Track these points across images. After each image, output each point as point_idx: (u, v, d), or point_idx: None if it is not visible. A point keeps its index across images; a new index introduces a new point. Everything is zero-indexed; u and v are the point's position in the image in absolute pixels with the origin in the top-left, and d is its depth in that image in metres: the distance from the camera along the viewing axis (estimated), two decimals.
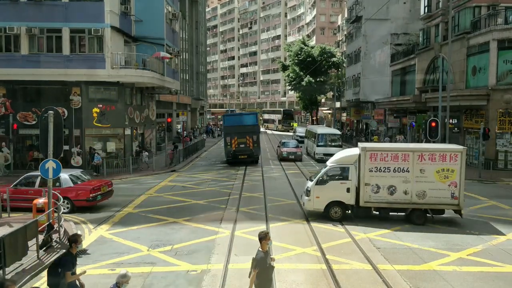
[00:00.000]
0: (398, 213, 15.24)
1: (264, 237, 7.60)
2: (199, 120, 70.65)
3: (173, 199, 19.03)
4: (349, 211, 15.39)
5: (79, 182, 17.17)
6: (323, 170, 15.66)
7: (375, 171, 14.74)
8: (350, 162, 15.30)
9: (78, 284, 7.74)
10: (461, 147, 15.19)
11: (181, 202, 18.50)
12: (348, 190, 15.00)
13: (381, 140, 44.44)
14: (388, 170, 14.66)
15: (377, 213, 15.18)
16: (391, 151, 14.89)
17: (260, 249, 7.61)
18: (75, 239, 7.80)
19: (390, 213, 15.22)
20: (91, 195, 16.59)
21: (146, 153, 28.95)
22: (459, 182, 14.45)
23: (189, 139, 44.30)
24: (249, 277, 7.67)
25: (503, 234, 13.81)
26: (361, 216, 15.21)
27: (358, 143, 18.14)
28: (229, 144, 30.49)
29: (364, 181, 14.81)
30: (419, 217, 14.80)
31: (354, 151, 15.82)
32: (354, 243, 12.72)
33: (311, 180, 15.77)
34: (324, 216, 15.32)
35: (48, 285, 7.55)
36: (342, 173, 15.30)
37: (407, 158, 14.59)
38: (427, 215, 14.89)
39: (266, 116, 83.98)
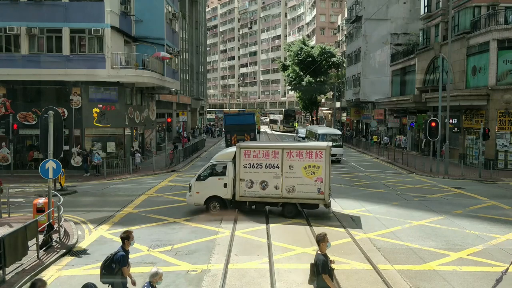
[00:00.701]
0: (277, 207, 15.91)
1: (322, 239, 7.42)
2: (199, 120, 70.68)
3: (173, 199, 19.03)
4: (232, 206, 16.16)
5: None
6: (204, 167, 16.62)
7: (249, 167, 15.54)
8: (228, 159, 16.11)
9: (131, 282, 7.83)
10: (325, 144, 15.89)
11: (181, 202, 18.45)
12: (225, 185, 15.83)
13: (380, 140, 44.50)
14: (261, 166, 15.47)
15: (253, 207, 15.92)
16: (262, 148, 15.72)
17: (319, 252, 7.46)
18: (127, 236, 7.91)
19: (267, 207, 16.06)
20: None
21: (139, 154, 28.80)
22: (325, 178, 15.13)
23: (187, 140, 43.93)
24: (309, 283, 7.64)
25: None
26: (238, 210, 16.01)
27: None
28: (229, 140, 32.58)
29: (240, 177, 15.59)
30: (289, 211, 15.57)
31: (232, 149, 16.57)
32: (354, 243, 12.72)
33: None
34: (322, 216, 15.34)
35: (102, 281, 7.70)
36: (220, 170, 16.20)
37: (277, 155, 15.39)
38: (298, 209, 15.63)
39: (271, 117, 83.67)
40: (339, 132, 36.98)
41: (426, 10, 36.80)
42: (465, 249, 12.31)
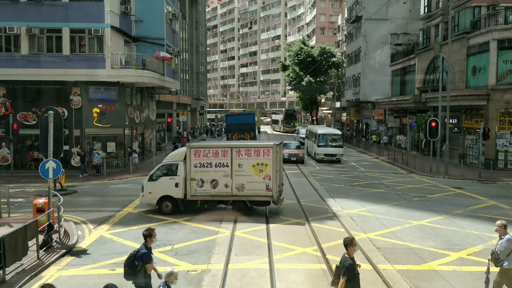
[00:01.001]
0: (226, 205, 16.18)
1: (349, 243, 7.35)
2: (199, 120, 70.73)
3: None
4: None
5: None
6: (156, 167, 16.72)
7: (199, 167, 15.70)
8: (180, 159, 16.25)
9: (157, 275, 7.92)
10: (272, 143, 16.06)
11: None
12: (176, 185, 15.94)
13: (380, 139, 44.52)
14: (211, 166, 15.65)
15: (206, 205, 16.21)
16: (212, 148, 15.87)
17: (347, 255, 7.38)
18: (149, 234, 8.00)
19: (218, 205, 16.31)
20: None
21: (136, 154, 28.72)
22: (273, 175, 15.34)
23: (186, 140, 43.87)
24: (331, 285, 7.59)
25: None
26: (189, 209, 16.10)
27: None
28: (230, 139, 32.61)
29: (190, 176, 15.71)
30: (239, 208, 15.83)
31: (183, 149, 16.71)
32: None
33: None
34: (323, 216, 15.34)
35: (125, 278, 7.83)
36: (172, 170, 16.31)
37: (226, 154, 15.59)
38: (248, 206, 15.83)
39: (273, 117, 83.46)
40: (339, 132, 37.00)
41: (426, 10, 36.80)
42: (465, 249, 12.31)
